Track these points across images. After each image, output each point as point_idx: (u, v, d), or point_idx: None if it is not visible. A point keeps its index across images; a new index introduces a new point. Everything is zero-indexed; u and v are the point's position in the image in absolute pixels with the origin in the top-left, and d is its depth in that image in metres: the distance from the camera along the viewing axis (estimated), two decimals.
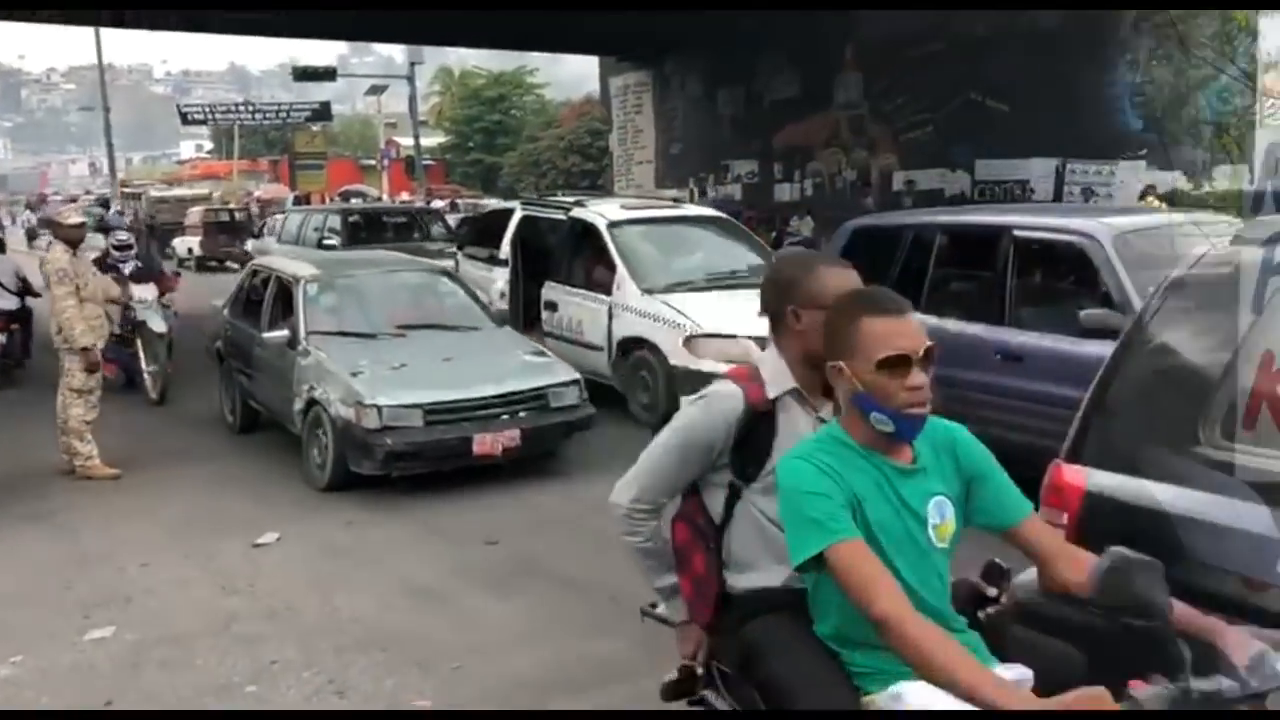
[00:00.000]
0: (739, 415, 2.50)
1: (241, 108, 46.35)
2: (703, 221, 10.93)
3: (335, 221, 18.85)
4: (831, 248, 7.54)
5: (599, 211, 10.16)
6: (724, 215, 11.48)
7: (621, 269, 9.31)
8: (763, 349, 9.16)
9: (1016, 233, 6.57)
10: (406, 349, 7.82)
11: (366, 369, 7.34)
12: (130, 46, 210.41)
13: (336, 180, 47.23)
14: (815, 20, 20.79)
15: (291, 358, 7.81)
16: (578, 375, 7.78)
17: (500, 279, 11.12)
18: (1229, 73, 16.00)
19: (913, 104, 20.73)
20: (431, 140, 57.56)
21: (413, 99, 33.58)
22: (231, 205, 33.49)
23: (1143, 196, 15.30)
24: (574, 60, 35.11)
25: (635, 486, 2.66)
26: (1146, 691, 1.78)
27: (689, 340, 8.39)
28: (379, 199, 38.50)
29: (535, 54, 43.70)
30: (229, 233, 28.44)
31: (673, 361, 8.48)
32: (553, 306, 10.17)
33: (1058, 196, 18.03)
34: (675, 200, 13.87)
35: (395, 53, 37.81)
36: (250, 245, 26.02)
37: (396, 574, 5.85)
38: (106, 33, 34.77)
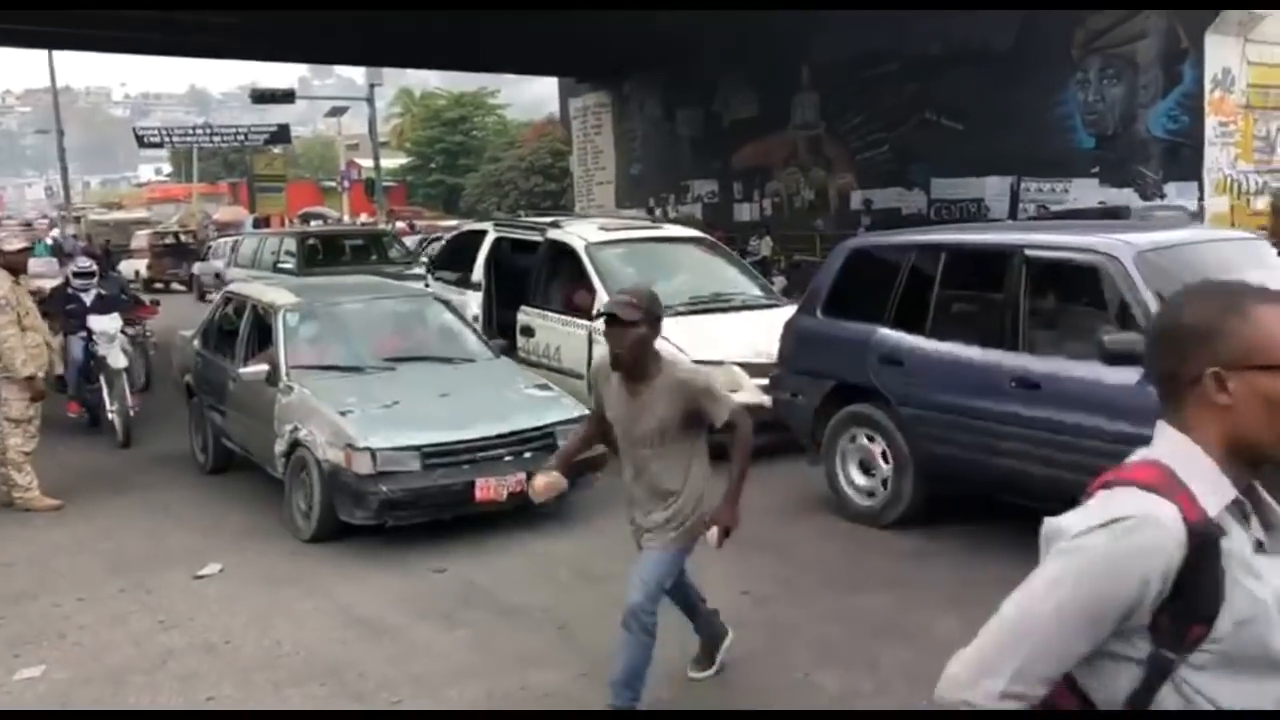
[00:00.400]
0: (1178, 550, 1.57)
1: (199, 130, 45.94)
2: (684, 241, 10.60)
3: (291, 244, 18.75)
4: (827, 269, 7.17)
5: (577, 232, 9.84)
6: (706, 235, 11.10)
7: (601, 292, 8.86)
8: (752, 375, 7.84)
9: (1030, 252, 6.11)
10: (398, 384, 7.23)
11: (356, 407, 6.77)
12: (88, 69, 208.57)
13: (297, 203, 46.96)
14: (773, 41, 20.93)
15: (271, 395, 7.24)
16: (587, 411, 6.81)
17: (474, 303, 10.70)
18: (1176, 93, 16.24)
19: (869, 124, 20.87)
20: (393, 162, 57.46)
21: (372, 121, 33.46)
22: (177, 228, 33.55)
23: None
24: (535, 81, 35.13)
25: (1004, 669, 1.61)
26: None
27: None
28: (339, 221, 38.30)
29: (496, 75, 43.69)
30: (176, 256, 28.73)
31: None
32: (529, 332, 9.86)
33: (1013, 214, 18.20)
34: (655, 220, 13.62)
35: (356, 74, 37.61)
36: (197, 268, 25.94)
37: (341, 604, 5.75)
38: (65, 55, 34.45)
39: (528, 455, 6.65)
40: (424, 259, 19.30)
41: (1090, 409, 5.35)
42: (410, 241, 24.36)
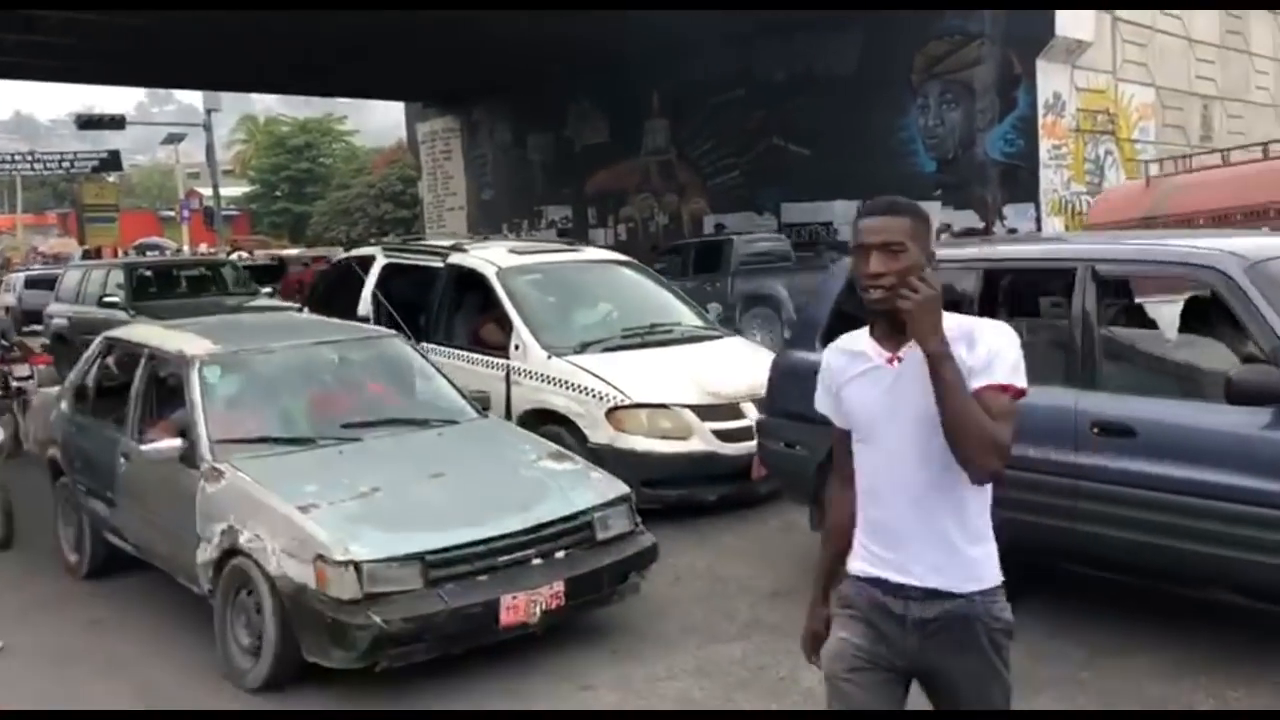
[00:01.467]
0: None
1: (20, 157, 43.39)
2: (609, 264, 9.12)
3: (119, 276, 17.23)
4: (824, 293, 6.00)
5: (485, 256, 8.35)
6: (631, 258, 9.57)
7: (520, 326, 7.56)
8: (703, 419, 6.79)
9: (1101, 267, 4.91)
10: (371, 461, 5.25)
11: (321, 498, 4.76)
12: None
13: (132, 233, 44.83)
14: (622, 67, 20.92)
15: (189, 481, 5.17)
16: (626, 488, 5.25)
17: None
18: (1012, 117, 16.80)
19: (719, 149, 21.05)
20: (237, 190, 55.62)
21: (210, 148, 32.12)
22: None
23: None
24: (384, 107, 34.42)
25: None
26: None
27: (614, 412, 6.82)
28: (178, 251, 36.68)
29: (344, 100, 42.73)
30: None
31: (594, 439, 6.80)
32: None
33: None
34: (570, 242, 11.59)
35: (196, 100, 35.89)
36: None
37: (138, 684, 4.93)
38: None
39: (560, 555, 4.85)
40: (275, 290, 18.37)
41: (1219, 462, 4.24)
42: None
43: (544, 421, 7.06)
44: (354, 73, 22.39)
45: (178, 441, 5.29)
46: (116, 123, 29.68)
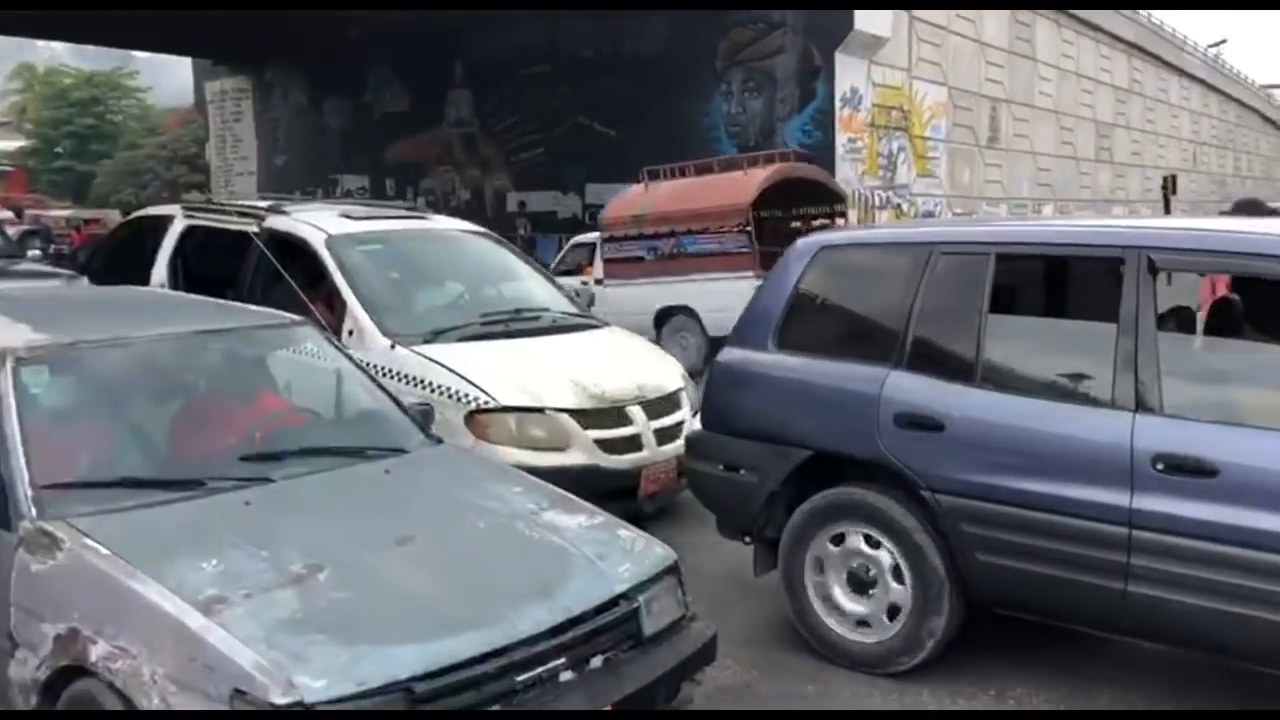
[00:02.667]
0: None
1: None
2: (460, 235, 7.57)
3: None
4: (777, 282, 4.72)
5: (309, 221, 6.80)
6: (488, 230, 7.95)
7: (355, 307, 6.05)
8: (585, 426, 5.38)
9: (1155, 255, 3.80)
10: (293, 517, 3.30)
11: (229, 585, 2.81)
12: None
13: None
14: (424, 34, 20.16)
15: None
16: (672, 554, 3.48)
17: None
18: (811, 108, 16.99)
19: (524, 125, 20.62)
20: (10, 144, 51.66)
21: None
22: None
23: None
24: (180, 64, 32.41)
25: None
26: None
27: (475, 417, 5.45)
28: None
29: (141, 55, 40.20)
30: None
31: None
32: None
33: None
34: (411, 206, 9.41)
35: None
36: None
37: None
38: None
39: (597, 663, 3.10)
40: (46, 252, 16.83)
41: None
42: (14, 232, 21.48)
43: None
44: (140, 23, 20.81)
45: None
46: None
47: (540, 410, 5.53)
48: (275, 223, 6.79)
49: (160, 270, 7.33)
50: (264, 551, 3.01)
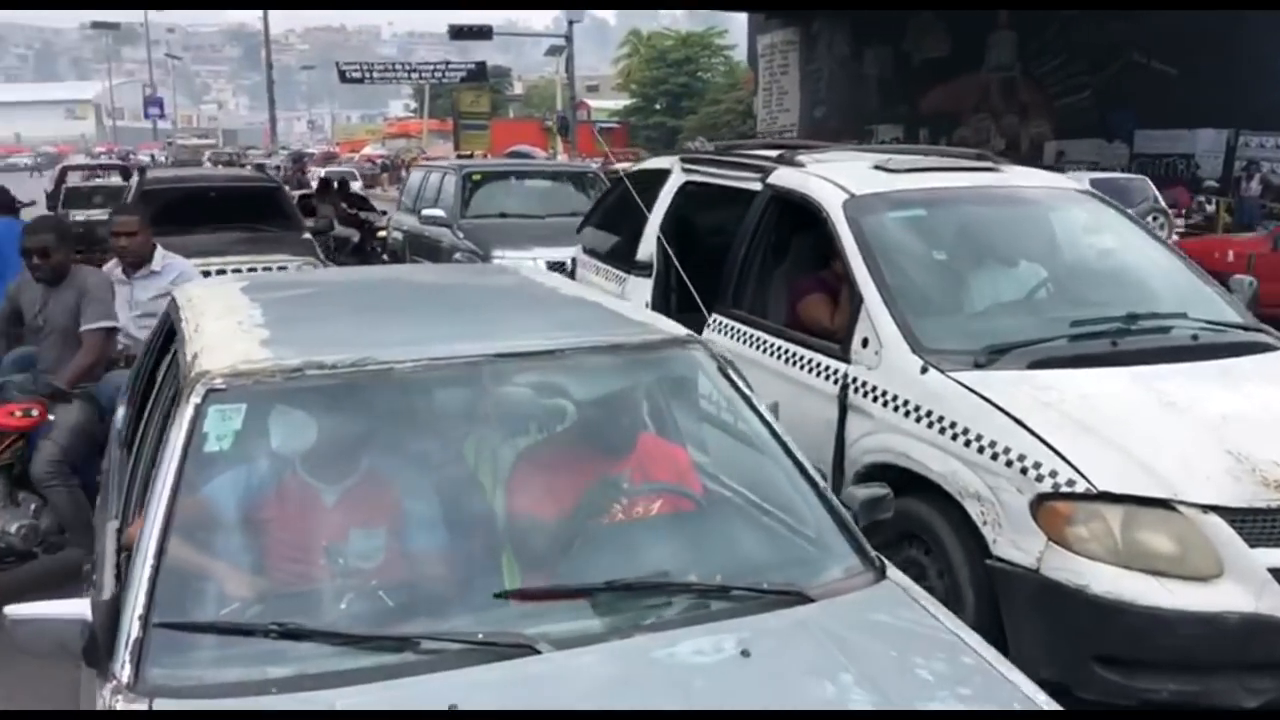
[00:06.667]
0: None
1: (399, 66, 47.04)
2: (1047, 197, 4.95)
3: (451, 180, 12.86)
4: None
5: (827, 175, 4.78)
6: (1087, 188, 5.30)
7: (874, 304, 4.06)
8: (1249, 540, 3.32)
9: None
10: None
11: None
12: (360, 11, 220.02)
13: (504, 141, 47.43)
14: None
15: None
16: None
17: (638, 300, 5.69)
18: None
19: (1069, 65, 18.68)
20: (617, 103, 57.34)
21: (569, 59, 32.97)
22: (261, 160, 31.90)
23: None
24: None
25: None
26: None
27: (1048, 504, 3.31)
28: (551, 160, 38.28)
29: (734, 16, 42.63)
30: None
31: (1001, 551, 3.40)
32: None
33: (1226, 173, 15.74)
34: (979, 155, 5.40)
35: (610, 16, 37.19)
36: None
37: None
38: None
39: None
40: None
41: None
42: None
43: (896, 491, 2.96)
44: None
45: None
46: (484, 32, 31.14)
47: (1168, 505, 3.26)
48: (782, 177, 4.94)
49: (649, 235, 5.72)
50: None
